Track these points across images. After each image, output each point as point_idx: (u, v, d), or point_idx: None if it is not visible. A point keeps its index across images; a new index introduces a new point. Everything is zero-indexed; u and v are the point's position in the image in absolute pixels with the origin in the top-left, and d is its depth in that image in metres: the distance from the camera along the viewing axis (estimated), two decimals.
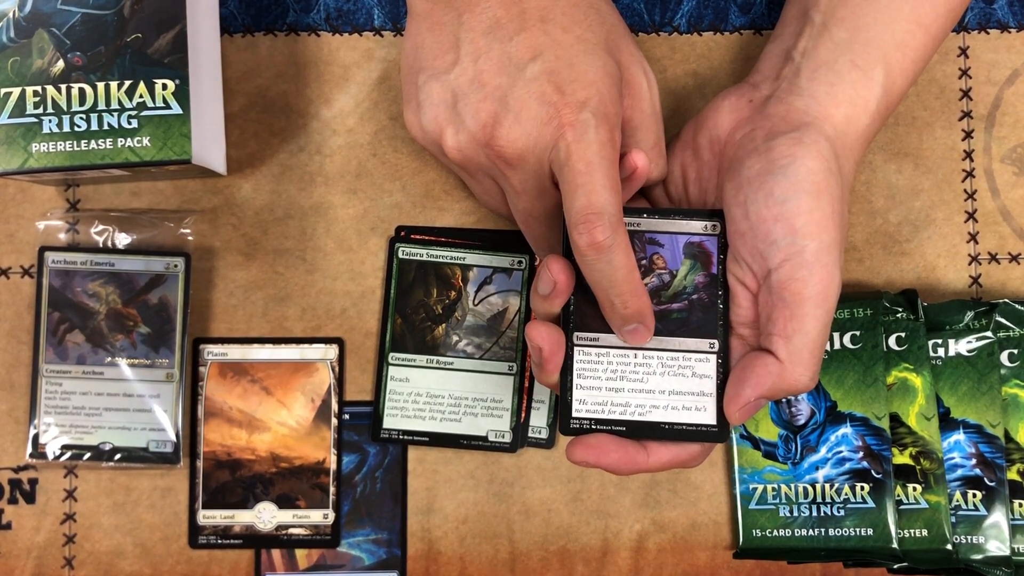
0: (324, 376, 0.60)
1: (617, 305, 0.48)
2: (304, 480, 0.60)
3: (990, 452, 0.58)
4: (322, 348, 0.60)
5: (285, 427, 0.60)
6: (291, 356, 0.60)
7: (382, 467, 0.60)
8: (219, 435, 0.60)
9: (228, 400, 0.60)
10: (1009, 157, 0.61)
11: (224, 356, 0.60)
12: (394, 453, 0.60)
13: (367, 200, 0.61)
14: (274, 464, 0.60)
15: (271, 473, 0.60)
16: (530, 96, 0.47)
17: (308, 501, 0.60)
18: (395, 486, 0.60)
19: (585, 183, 0.45)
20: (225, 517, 0.60)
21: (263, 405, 0.60)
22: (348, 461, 0.60)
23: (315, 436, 0.60)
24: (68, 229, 0.60)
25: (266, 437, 0.60)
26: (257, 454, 0.60)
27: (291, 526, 0.60)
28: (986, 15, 0.62)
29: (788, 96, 0.51)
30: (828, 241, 0.47)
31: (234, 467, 0.60)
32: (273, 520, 0.59)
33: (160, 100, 0.53)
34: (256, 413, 0.60)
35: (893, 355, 0.59)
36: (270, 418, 0.60)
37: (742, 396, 0.48)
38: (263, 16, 0.61)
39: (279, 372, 0.60)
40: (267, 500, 0.60)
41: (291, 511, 0.60)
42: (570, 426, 0.50)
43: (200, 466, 0.60)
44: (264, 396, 0.60)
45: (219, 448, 0.60)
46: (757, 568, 0.60)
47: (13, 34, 0.53)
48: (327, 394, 0.60)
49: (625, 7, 0.62)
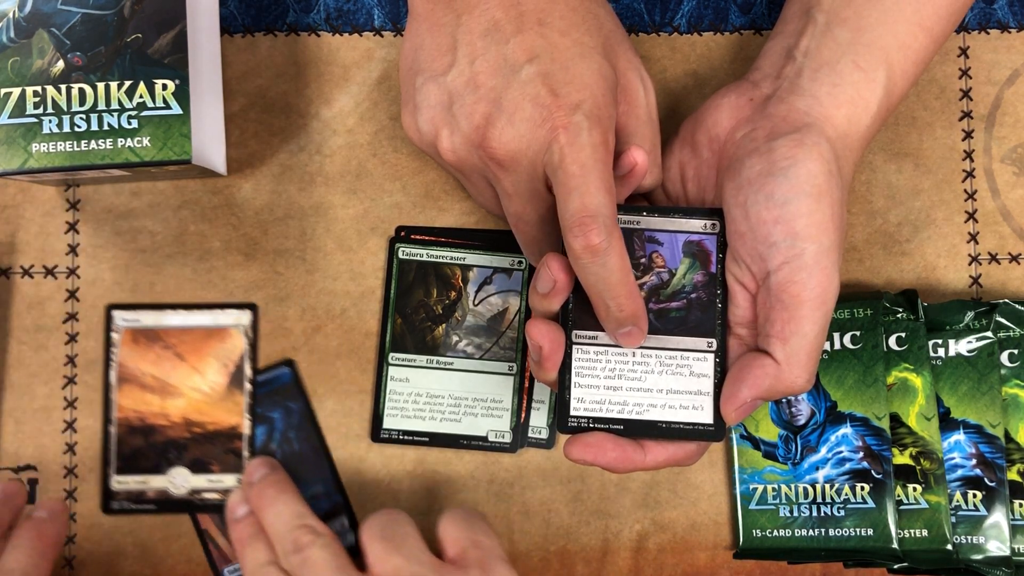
0: (237, 342, 0.60)
1: (612, 308, 0.48)
2: (218, 445, 0.60)
3: (990, 452, 0.58)
4: (235, 314, 0.60)
5: (198, 393, 0.60)
6: (204, 322, 0.60)
7: (293, 427, 0.60)
8: (132, 401, 0.60)
9: (141, 366, 0.60)
10: (1009, 157, 0.61)
11: (137, 322, 0.60)
12: (298, 410, 0.60)
13: (367, 200, 0.61)
14: (187, 429, 0.60)
15: (185, 438, 0.60)
16: (524, 98, 0.47)
17: (222, 466, 0.60)
18: (311, 439, 0.60)
19: (579, 186, 0.45)
20: (138, 482, 0.60)
21: (176, 371, 0.60)
22: (260, 432, 0.60)
23: (228, 402, 0.60)
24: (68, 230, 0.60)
25: (179, 403, 0.60)
26: (171, 419, 0.60)
27: (205, 491, 0.60)
28: (986, 15, 0.62)
29: (789, 96, 0.51)
30: (828, 244, 0.47)
31: (148, 432, 0.60)
32: (187, 485, 0.59)
33: (160, 100, 0.53)
34: (169, 379, 0.60)
35: (893, 355, 0.59)
36: (183, 384, 0.60)
37: (739, 396, 0.48)
38: (263, 16, 0.61)
39: (192, 338, 0.60)
40: (181, 465, 0.59)
41: (205, 476, 0.60)
42: (568, 424, 0.50)
43: (113, 432, 0.60)
44: (177, 362, 0.60)
45: (132, 414, 0.60)
46: (757, 568, 0.60)
47: (13, 34, 0.53)
48: (240, 360, 0.60)
49: (625, 7, 0.62)
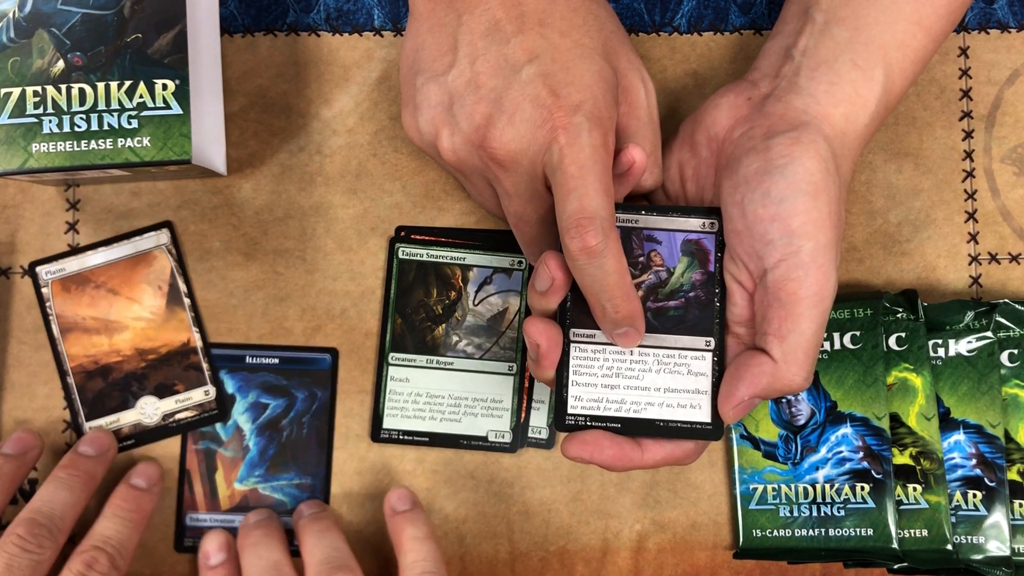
0: (164, 262, 0.60)
1: (608, 308, 0.48)
2: (176, 365, 0.60)
3: (990, 452, 0.58)
4: (153, 236, 0.60)
5: (141, 321, 0.60)
6: (125, 252, 0.60)
7: (310, 412, 0.60)
8: (81, 347, 0.60)
9: (79, 311, 0.60)
10: (1009, 157, 0.61)
11: (62, 271, 0.60)
12: (323, 399, 0.60)
13: (367, 200, 0.61)
14: (142, 359, 0.60)
15: (142, 368, 0.60)
16: (524, 98, 0.47)
17: (185, 384, 0.60)
18: (321, 432, 0.60)
19: (577, 187, 0.45)
20: (111, 423, 0.60)
21: (114, 306, 0.60)
22: (275, 405, 0.60)
23: (173, 320, 0.60)
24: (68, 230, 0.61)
25: (126, 335, 0.60)
26: (123, 354, 0.60)
27: (176, 412, 0.60)
28: (986, 15, 0.62)
29: (787, 95, 0.51)
30: (824, 241, 0.47)
31: (105, 373, 0.60)
32: (157, 412, 0.60)
33: (160, 100, 0.53)
34: (109, 316, 0.60)
35: (893, 355, 0.59)
36: (124, 316, 0.60)
37: (736, 395, 0.48)
38: (263, 16, 0.61)
39: (119, 270, 0.60)
40: (146, 395, 0.60)
41: (172, 398, 0.60)
42: (565, 422, 0.50)
43: (72, 382, 0.60)
44: (112, 297, 0.60)
45: (85, 359, 0.60)
46: (757, 568, 0.60)
47: (13, 34, 0.53)
48: (172, 277, 0.60)
49: (625, 7, 0.62)
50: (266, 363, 0.60)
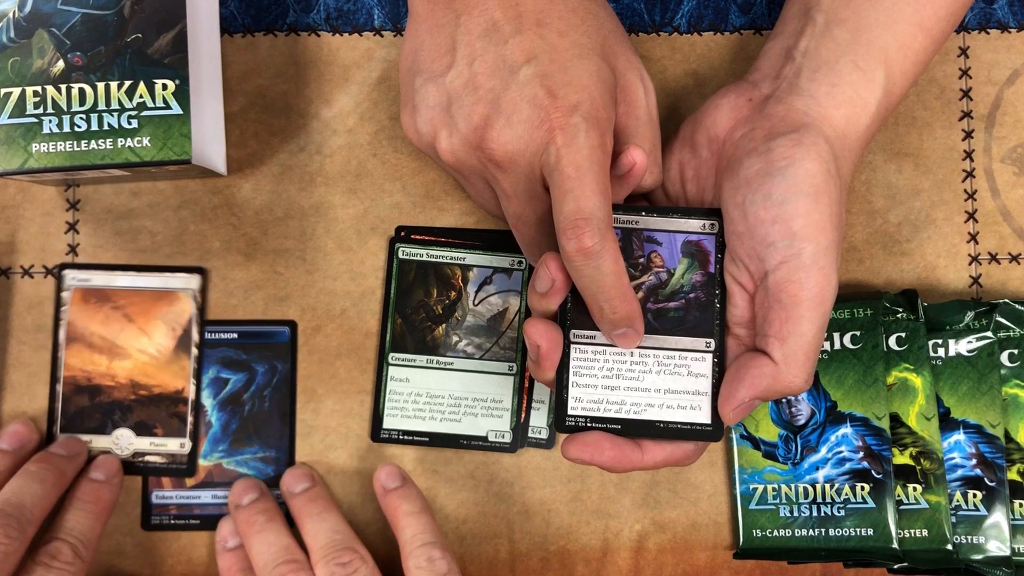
0: (186, 306, 0.60)
1: (606, 309, 0.48)
2: (162, 408, 0.60)
3: (990, 452, 0.58)
4: (184, 277, 0.60)
5: (145, 355, 0.60)
6: (153, 284, 0.60)
7: (270, 386, 0.60)
8: (80, 360, 0.60)
9: (90, 326, 0.60)
10: (1009, 157, 0.61)
11: (87, 282, 0.60)
12: (283, 371, 0.60)
13: (367, 200, 0.61)
14: (133, 391, 0.60)
15: (130, 400, 0.60)
16: (522, 99, 0.47)
17: (165, 429, 0.60)
18: (283, 405, 0.60)
19: (574, 188, 0.45)
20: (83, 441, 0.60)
21: (124, 332, 0.60)
22: (236, 379, 0.60)
23: (175, 365, 0.60)
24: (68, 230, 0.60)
25: (126, 364, 0.60)
26: (117, 380, 0.60)
27: (147, 453, 0.60)
28: (986, 15, 0.62)
29: (788, 96, 0.51)
30: (825, 244, 0.47)
31: (93, 392, 0.60)
32: (130, 447, 0.60)
33: (160, 100, 0.53)
34: (117, 340, 0.60)
35: (893, 355, 0.59)
36: (131, 345, 0.60)
37: (737, 396, 0.48)
38: (263, 16, 0.61)
39: (141, 300, 0.60)
40: (125, 427, 0.60)
41: (148, 439, 0.60)
42: (565, 423, 0.50)
43: (60, 390, 0.60)
44: (126, 323, 0.60)
45: (79, 373, 0.60)
46: (757, 568, 0.60)
47: (13, 34, 0.53)
48: (188, 324, 0.60)
49: (625, 7, 0.62)
50: (225, 338, 0.60)
